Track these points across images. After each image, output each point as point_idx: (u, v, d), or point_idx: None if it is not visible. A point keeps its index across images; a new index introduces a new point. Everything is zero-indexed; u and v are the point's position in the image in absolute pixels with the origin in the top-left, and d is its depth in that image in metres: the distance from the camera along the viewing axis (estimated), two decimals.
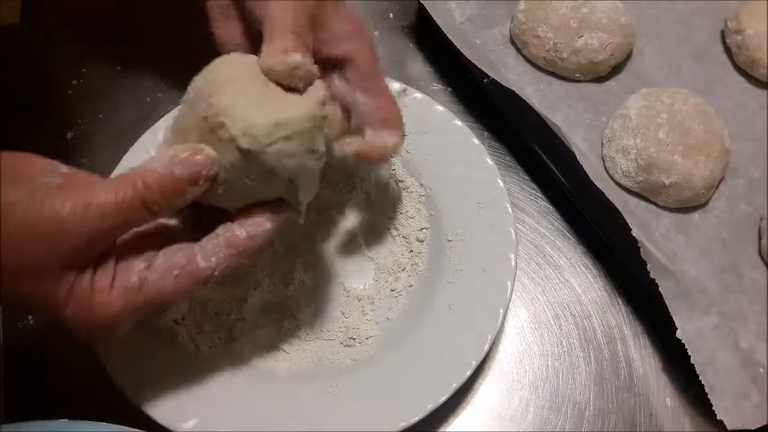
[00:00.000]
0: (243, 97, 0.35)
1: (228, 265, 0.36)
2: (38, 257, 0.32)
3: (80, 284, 0.34)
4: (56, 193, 0.33)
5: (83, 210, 0.32)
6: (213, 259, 0.36)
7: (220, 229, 0.37)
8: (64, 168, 0.35)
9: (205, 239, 0.36)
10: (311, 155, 0.36)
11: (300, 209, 0.38)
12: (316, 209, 0.51)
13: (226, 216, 0.38)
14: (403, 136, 0.42)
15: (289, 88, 0.37)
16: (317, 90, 0.37)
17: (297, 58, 0.36)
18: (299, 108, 0.36)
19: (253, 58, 0.37)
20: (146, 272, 0.35)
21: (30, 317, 0.49)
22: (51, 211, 0.32)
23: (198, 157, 0.34)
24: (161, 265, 0.35)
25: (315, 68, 0.37)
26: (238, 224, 0.37)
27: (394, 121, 0.41)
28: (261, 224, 0.37)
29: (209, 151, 0.35)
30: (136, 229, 0.36)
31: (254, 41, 0.41)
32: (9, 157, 0.34)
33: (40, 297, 0.33)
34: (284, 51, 0.36)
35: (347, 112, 0.42)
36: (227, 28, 0.44)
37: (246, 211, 0.37)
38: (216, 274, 0.36)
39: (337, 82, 0.42)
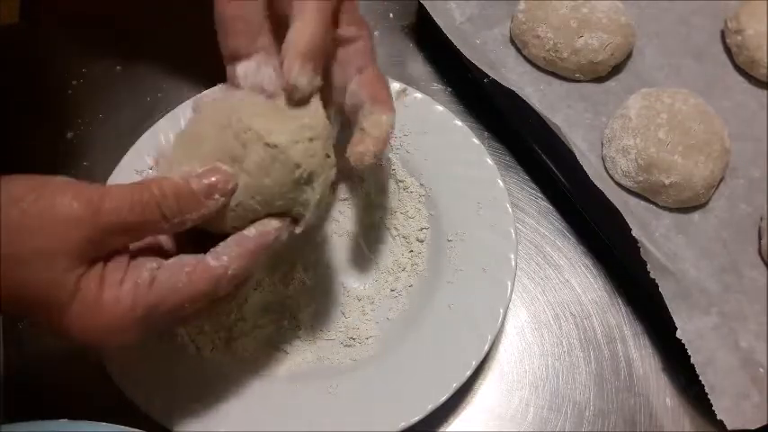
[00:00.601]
0: (262, 112, 0.37)
1: (240, 265, 0.36)
2: (47, 243, 0.32)
3: (88, 278, 0.33)
4: (68, 186, 0.33)
5: (98, 202, 0.32)
6: (225, 258, 0.35)
7: (229, 238, 0.37)
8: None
9: (215, 247, 0.36)
10: (328, 159, 0.38)
11: (308, 216, 0.38)
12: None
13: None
14: (394, 112, 0.42)
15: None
16: (318, 104, 0.39)
17: (318, 80, 0.38)
18: (315, 117, 0.38)
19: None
20: (156, 270, 0.34)
21: None
22: (64, 201, 0.32)
23: (216, 173, 0.36)
24: (172, 265, 0.35)
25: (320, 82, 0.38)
26: (247, 228, 0.37)
27: (384, 98, 0.42)
28: (269, 224, 0.37)
29: (228, 169, 0.36)
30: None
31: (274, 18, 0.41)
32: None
33: (44, 290, 0.32)
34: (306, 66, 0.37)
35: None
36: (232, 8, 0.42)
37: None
38: (230, 273, 0.35)
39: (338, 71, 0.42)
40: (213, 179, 0.35)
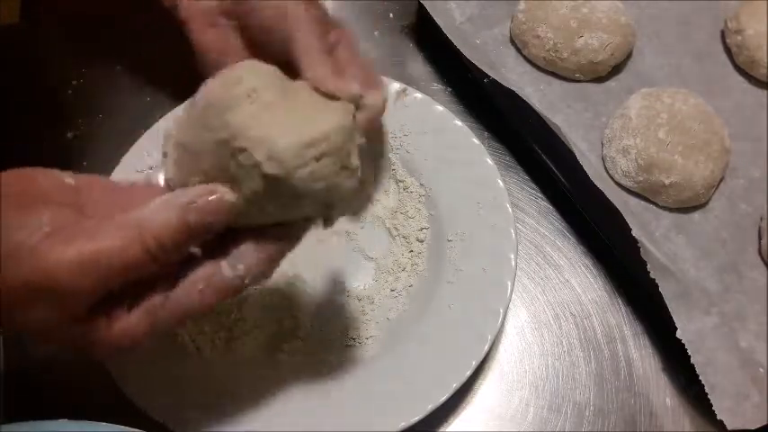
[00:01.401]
0: (265, 112, 0.32)
1: (258, 272, 0.33)
2: (47, 318, 0.31)
3: (98, 326, 0.32)
4: (55, 246, 0.30)
5: (87, 265, 0.30)
6: (241, 267, 0.33)
7: (248, 241, 0.33)
8: (69, 179, 0.33)
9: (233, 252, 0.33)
10: (345, 172, 0.32)
11: (333, 221, 0.35)
12: None
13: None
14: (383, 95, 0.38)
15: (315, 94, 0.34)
16: (342, 107, 0.33)
17: (355, 87, 0.34)
18: (329, 120, 0.32)
19: (271, 67, 0.34)
20: (168, 291, 0.33)
21: None
22: (52, 271, 0.30)
23: (216, 202, 0.32)
24: (184, 282, 0.33)
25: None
26: (267, 231, 0.34)
27: (373, 82, 0.37)
28: (290, 227, 0.34)
29: (229, 195, 0.32)
30: None
31: (254, 49, 0.41)
32: (11, 176, 0.32)
33: (61, 342, 0.33)
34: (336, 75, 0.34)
35: None
36: (211, 35, 0.42)
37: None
38: (247, 282, 0.33)
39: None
40: (214, 216, 0.32)
